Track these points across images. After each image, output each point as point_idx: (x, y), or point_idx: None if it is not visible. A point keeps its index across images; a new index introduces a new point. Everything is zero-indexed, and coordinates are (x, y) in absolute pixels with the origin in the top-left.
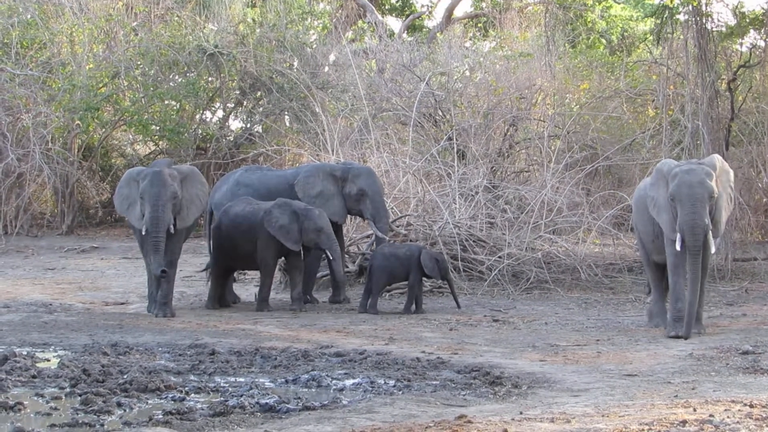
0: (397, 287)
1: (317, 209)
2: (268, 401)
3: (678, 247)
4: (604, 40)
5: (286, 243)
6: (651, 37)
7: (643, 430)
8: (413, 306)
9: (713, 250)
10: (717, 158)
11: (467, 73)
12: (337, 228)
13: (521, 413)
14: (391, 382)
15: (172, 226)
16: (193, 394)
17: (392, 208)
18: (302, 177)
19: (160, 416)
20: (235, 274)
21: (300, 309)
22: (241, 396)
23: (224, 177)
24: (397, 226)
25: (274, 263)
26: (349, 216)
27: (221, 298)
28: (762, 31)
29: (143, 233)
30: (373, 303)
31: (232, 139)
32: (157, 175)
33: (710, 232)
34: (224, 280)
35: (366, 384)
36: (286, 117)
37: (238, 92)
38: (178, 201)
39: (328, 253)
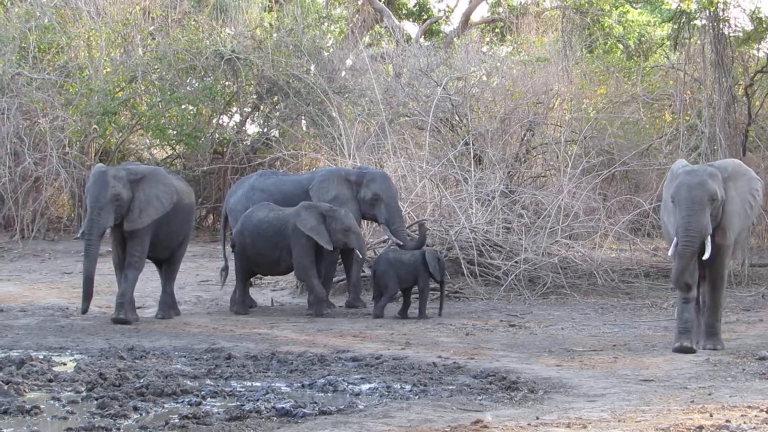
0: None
1: (343, 209)
2: (284, 406)
3: (670, 253)
4: (621, 45)
5: (320, 242)
6: (668, 43)
7: None
8: (426, 310)
9: (707, 255)
10: (736, 162)
11: (484, 77)
12: None
13: (537, 418)
14: (408, 387)
15: (109, 230)
16: (209, 399)
17: (409, 213)
18: (317, 182)
19: (177, 420)
20: (251, 279)
21: (316, 314)
22: (258, 400)
23: (239, 182)
24: (414, 231)
25: (312, 264)
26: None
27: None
28: None
29: (79, 234)
30: (382, 305)
31: (248, 144)
32: (100, 175)
33: (708, 237)
34: (247, 285)
35: (382, 389)
36: (303, 121)
37: (255, 97)
38: (123, 202)
39: (357, 252)
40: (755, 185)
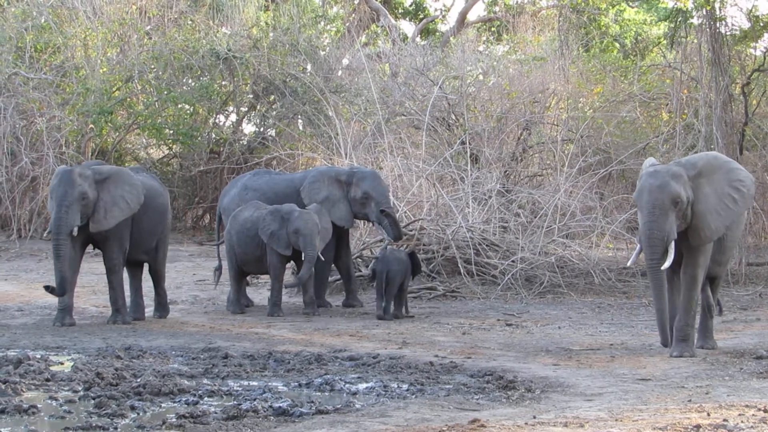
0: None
1: (300, 210)
2: (281, 405)
3: (630, 262)
4: (617, 44)
5: (278, 249)
6: (665, 41)
7: None
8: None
9: (667, 264)
10: (710, 156)
11: (481, 77)
12: (343, 232)
13: (534, 417)
14: (405, 386)
15: (76, 229)
16: (206, 398)
17: (405, 213)
18: (308, 183)
19: (174, 420)
20: (248, 278)
21: (313, 313)
22: (255, 400)
23: (233, 181)
24: (410, 230)
25: (283, 267)
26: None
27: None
28: None
29: (45, 234)
30: (394, 308)
31: (245, 143)
32: (66, 173)
33: (672, 243)
34: (241, 284)
35: (379, 388)
36: (300, 121)
37: (251, 96)
38: (89, 202)
39: (303, 255)
40: (737, 176)
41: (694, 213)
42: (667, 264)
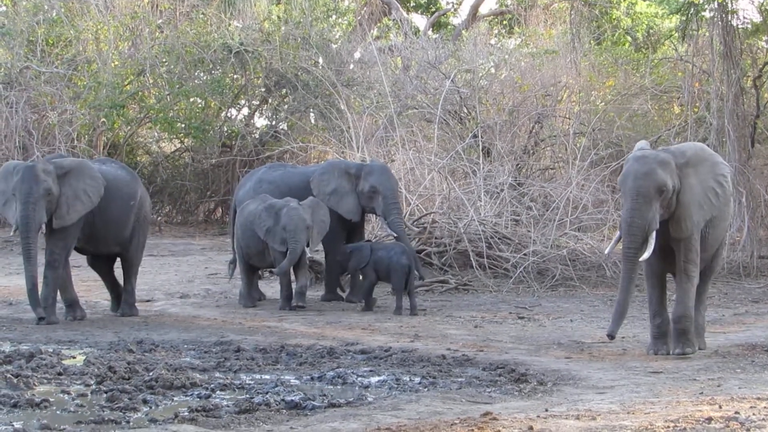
0: (423, 284)
1: (289, 206)
2: (293, 398)
3: (607, 250)
4: (629, 37)
5: (274, 245)
6: (676, 34)
7: (668, 427)
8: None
9: (646, 255)
10: (698, 146)
11: (492, 70)
12: (355, 225)
13: (546, 410)
14: (417, 379)
15: (44, 226)
16: (218, 391)
17: (417, 206)
18: (317, 175)
19: (186, 413)
20: (261, 272)
21: (290, 307)
22: (267, 393)
23: (248, 174)
24: (422, 224)
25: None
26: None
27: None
28: None
29: (12, 233)
30: (415, 303)
31: (257, 137)
32: (29, 170)
33: (653, 234)
34: (252, 278)
35: (391, 381)
36: (312, 114)
37: (263, 89)
38: (53, 198)
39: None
40: (721, 170)
41: (679, 203)
42: (646, 255)
